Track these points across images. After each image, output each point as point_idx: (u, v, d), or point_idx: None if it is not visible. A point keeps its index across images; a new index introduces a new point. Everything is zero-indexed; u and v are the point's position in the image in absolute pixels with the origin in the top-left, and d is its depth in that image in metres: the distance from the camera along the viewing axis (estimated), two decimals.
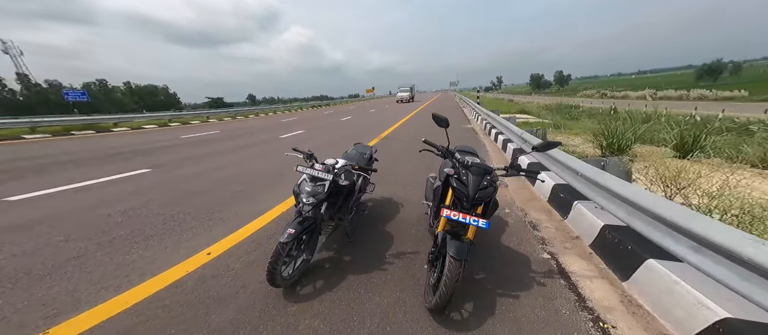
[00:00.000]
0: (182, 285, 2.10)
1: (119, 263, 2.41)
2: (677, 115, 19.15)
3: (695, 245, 1.47)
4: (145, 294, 2.00)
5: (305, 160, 2.26)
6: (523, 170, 1.89)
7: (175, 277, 2.18)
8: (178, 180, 4.84)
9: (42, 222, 3.24)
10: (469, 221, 1.70)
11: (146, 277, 2.19)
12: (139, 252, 2.58)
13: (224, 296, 1.97)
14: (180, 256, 2.47)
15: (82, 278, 2.22)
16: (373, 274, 2.19)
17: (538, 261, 2.33)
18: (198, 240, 2.74)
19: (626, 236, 2.06)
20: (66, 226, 3.14)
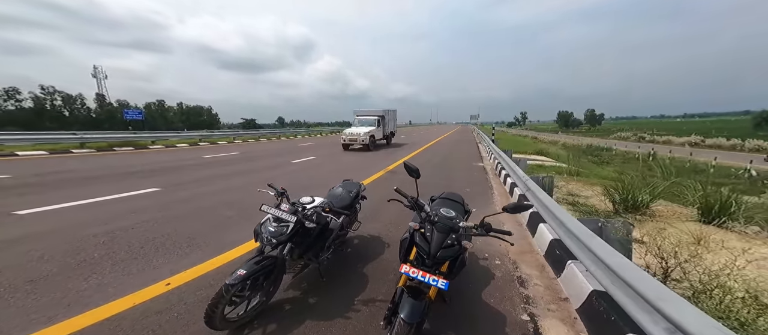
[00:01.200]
0: (121, 319, 2.03)
1: (70, 289, 2.40)
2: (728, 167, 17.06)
3: (671, 328, 1.23)
4: (86, 324, 1.97)
5: (276, 197, 2.26)
6: (493, 231, 1.72)
7: (117, 310, 2.13)
8: (178, 202, 5.01)
9: (26, 240, 3.32)
10: (427, 280, 1.59)
11: (88, 308, 2.14)
12: (98, 277, 2.58)
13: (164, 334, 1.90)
14: (137, 285, 2.45)
15: (24, 305, 2.19)
16: (334, 321, 2.07)
17: (515, 322, 2.08)
18: (164, 268, 2.74)
19: (612, 305, 1.79)
20: (46, 245, 3.20)
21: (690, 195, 3.88)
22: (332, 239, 2.51)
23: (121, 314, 2.10)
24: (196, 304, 2.21)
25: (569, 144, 24.45)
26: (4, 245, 3.22)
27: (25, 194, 5.55)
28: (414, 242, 1.81)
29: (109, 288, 2.43)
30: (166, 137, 17.66)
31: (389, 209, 4.77)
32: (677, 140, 38.08)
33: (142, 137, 16.51)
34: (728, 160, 21.00)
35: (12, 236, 3.45)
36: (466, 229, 1.74)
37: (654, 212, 3.85)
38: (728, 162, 19.46)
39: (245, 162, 10.33)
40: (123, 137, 16.10)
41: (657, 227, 3.03)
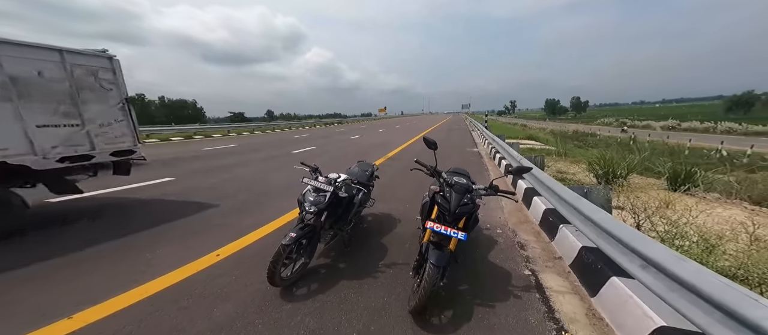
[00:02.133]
0: (193, 281, 2.38)
1: (138, 261, 2.75)
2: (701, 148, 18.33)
3: (643, 263, 1.64)
4: (162, 287, 2.30)
5: (310, 173, 2.58)
6: (500, 191, 2.13)
7: (186, 274, 2.47)
8: (196, 189, 5.32)
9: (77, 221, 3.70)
10: (449, 233, 1.93)
11: (159, 275, 2.47)
12: (160, 250, 2.95)
13: (227, 293, 2.21)
14: (191, 257, 2.77)
15: (104, 273, 2.55)
16: (364, 280, 2.41)
17: (519, 277, 2.49)
18: (210, 243, 3.06)
19: (598, 256, 2.21)
20: (101, 225, 3.61)
21: (661, 168, 4.45)
22: (354, 213, 2.87)
23: (188, 278, 2.44)
24: (247, 270, 2.55)
25: (556, 130, 25.58)
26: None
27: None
28: (435, 202, 2.16)
29: (172, 258, 2.77)
30: (160, 131, 17.38)
31: (398, 191, 5.13)
32: (656, 124, 40.04)
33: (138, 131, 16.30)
34: (702, 142, 22.45)
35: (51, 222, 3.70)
36: (477, 190, 2.11)
37: (630, 184, 4.45)
38: (702, 144, 20.83)
39: (247, 153, 10.44)
40: None
41: (633, 194, 3.54)
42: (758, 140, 23.72)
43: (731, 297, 1.16)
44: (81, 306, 2.08)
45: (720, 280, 1.25)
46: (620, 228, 1.87)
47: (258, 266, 2.57)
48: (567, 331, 1.83)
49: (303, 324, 1.91)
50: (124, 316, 1.99)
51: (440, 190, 2.18)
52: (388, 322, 1.92)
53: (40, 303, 2.15)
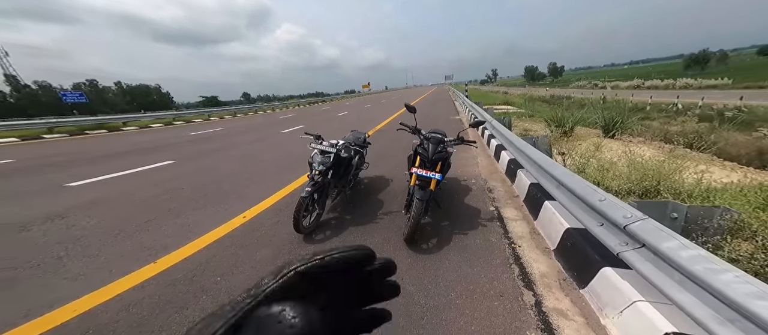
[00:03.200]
0: (231, 237, 2.92)
1: (178, 224, 3.27)
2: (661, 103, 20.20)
3: (558, 184, 2.39)
4: (211, 241, 2.86)
5: (315, 140, 3.15)
6: (465, 141, 2.83)
7: (223, 232, 3.01)
8: (200, 170, 5.71)
9: (102, 202, 4.10)
10: (429, 175, 2.57)
11: (201, 234, 2.99)
12: (189, 217, 3.43)
13: (263, 241, 2.81)
14: (221, 220, 3.30)
15: (162, 232, 3.09)
16: (368, 226, 3.06)
17: (486, 212, 3.25)
18: (233, 208, 3.60)
19: (539, 190, 2.98)
20: (125, 203, 4.01)
21: (598, 121, 5.44)
22: (352, 173, 3.48)
23: (229, 234, 2.99)
24: (271, 226, 3.13)
25: (534, 96, 26.91)
26: (88, 205, 3.97)
27: (54, 172, 5.97)
28: (417, 153, 2.80)
29: (204, 223, 3.27)
30: (138, 118, 16.75)
31: (388, 158, 5.75)
32: (623, 84, 42.43)
33: (114, 119, 15.74)
34: (662, 98, 24.52)
35: (85, 200, 4.16)
36: (448, 141, 2.81)
37: (576, 134, 5.40)
38: (662, 99, 22.79)
39: (236, 136, 10.54)
40: (92, 120, 15.34)
41: (575, 143, 4.39)
42: (709, 93, 26.18)
43: (586, 191, 1.92)
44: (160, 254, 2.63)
45: (583, 183, 2.01)
46: (547, 162, 2.59)
47: (278, 223, 3.15)
48: (516, 244, 2.60)
49: None
50: (191, 261, 2.54)
51: (420, 143, 2.82)
52: (389, 250, 2.59)
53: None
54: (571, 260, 2.15)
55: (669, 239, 1.36)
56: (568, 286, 2.01)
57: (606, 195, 1.78)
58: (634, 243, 1.58)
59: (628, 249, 1.59)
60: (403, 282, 2.13)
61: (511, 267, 2.28)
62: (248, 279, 2.23)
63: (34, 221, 3.54)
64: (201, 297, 2.07)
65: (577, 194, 2.01)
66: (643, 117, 7.37)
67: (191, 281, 2.26)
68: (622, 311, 1.56)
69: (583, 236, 2.11)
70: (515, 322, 1.73)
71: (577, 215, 2.08)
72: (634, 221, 1.53)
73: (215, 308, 0.21)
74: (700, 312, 1.16)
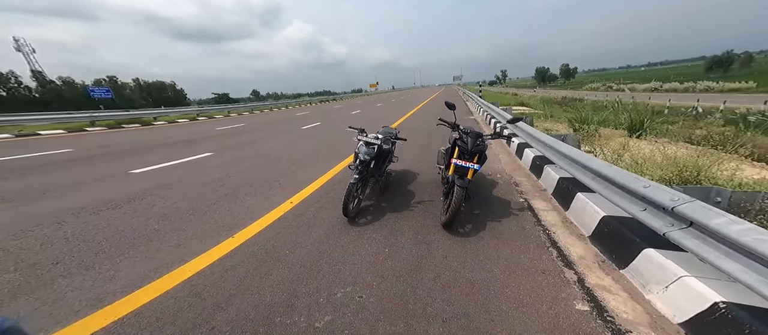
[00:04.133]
0: (284, 219, 3.15)
1: (240, 206, 3.53)
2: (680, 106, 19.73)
3: (593, 175, 2.51)
4: (269, 222, 3.10)
5: (359, 132, 3.40)
6: (502, 135, 2.98)
7: (278, 215, 3.25)
8: (240, 159, 6.06)
9: (169, 186, 4.42)
10: (468, 166, 2.75)
11: (262, 215, 3.26)
12: (246, 201, 3.70)
13: (314, 223, 3.02)
14: (272, 205, 3.53)
15: (227, 213, 3.36)
16: (403, 212, 3.23)
17: (516, 203, 3.38)
18: (279, 195, 3.84)
19: (570, 183, 3.10)
20: (188, 187, 4.36)
21: (623, 121, 5.49)
22: (385, 165, 3.67)
23: (282, 216, 3.24)
24: (318, 210, 3.35)
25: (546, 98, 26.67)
26: (160, 188, 4.36)
27: (114, 160, 6.46)
28: (457, 145, 2.97)
29: (261, 205, 3.54)
30: (166, 113, 17.76)
31: (409, 154, 5.93)
32: (640, 87, 41.41)
33: (146, 113, 16.79)
34: (682, 101, 23.90)
35: (154, 185, 4.54)
36: (485, 136, 2.97)
37: (601, 134, 5.48)
38: (681, 103, 22.23)
39: (262, 130, 10.98)
40: (126, 114, 16.49)
41: (601, 142, 4.46)
42: (732, 96, 25.37)
43: (628, 179, 2.04)
44: (234, 231, 2.89)
45: (624, 172, 2.13)
46: (582, 156, 2.71)
47: (322, 209, 3.36)
48: (550, 231, 2.73)
49: (372, 238, 2.69)
50: (261, 237, 2.78)
51: (459, 137, 2.98)
52: (428, 233, 2.74)
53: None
54: (608, 244, 2.27)
55: (718, 217, 1.48)
56: (607, 267, 2.14)
57: (650, 182, 1.90)
58: (680, 224, 1.70)
59: (675, 229, 1.71)
60: (448, 259, 2.29)
61: (548, 249, 2.41)
62: (312, 254, 2.47)
63: (120, 201, 3.88)
64: (278, 266, 2.31)
65: (617, 183, 2.13)
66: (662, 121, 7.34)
67: (267, 252, 2.52)
68: (667, 286, 1.68)
69: (622, 222, 2.23)
70: (561, 294, 1.87)
71: (617, 203, 2.20)
72: (682, 203, 1.65)
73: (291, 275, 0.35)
74: (750, 278, 1.28)
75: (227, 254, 2.51)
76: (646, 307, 1.71)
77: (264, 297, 1.97)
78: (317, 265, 2.31)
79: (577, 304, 1.78)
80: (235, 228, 2.98)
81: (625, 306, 1.74)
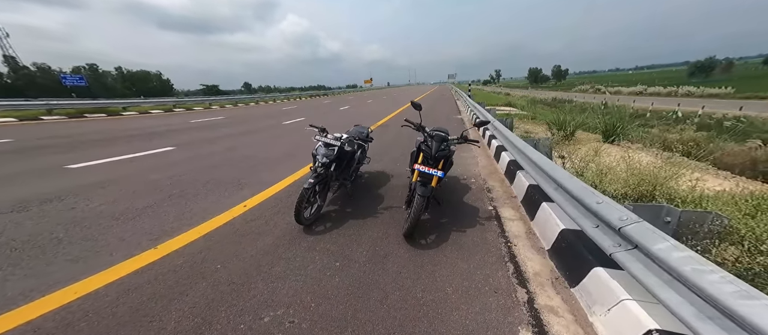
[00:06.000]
0: (231, 225, 2.94)
1: (182, 210, 3.29)
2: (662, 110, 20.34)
3: (556, 186, 2.44)
4: (211, 228, 2.88)
5: (319, 132, 3.18)
6: (469, 140, 2.86)
7: (224, 221, 3.00)
8: (202, 157, 5.75)
9: (105, 184, 4.12)
10: (431, 172, 2.60)
11: (205, 220, 3.03)
12: (191, 205, 3.44)
13: (264, 231, 2.82)
14: (222, 208, 3.30)
15: (163, 218, 3.12)
16: (367, 219, 3.10)
17: (484, 211, 3.30)
18: (234, 197, 3.63)
19: (538, 191, 3.04)
20: (128, 186, 4.05)
21: (598, 126, 5.52)
22: (354, 167, 3.52)
23: (230, 221, 3.02)
24: (273, 215, 3.16)
25: (536, 99, 26.99)
26: (92, 187, 4.01)
27: (54, 154, 5.99)
28: (421, 150, 2.84)
29: (208, 209, 3.31)
30: (138, 103, 16.76)
31: (389, 153, 5.80)
32: (626, 90, 42.49)
33: (114, 103, 15.75)
34: (664, 105, 24.64)
35: (88, 182, 4.18)
36: (451, 140, 2.84)
37: (577, 138, 5.48)
38: (663, 106, 22.91)
39: (237, 125, 10.58)
40: (91, 103, 15.28)
41: (575, 147, 4.44)
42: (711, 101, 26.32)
43: (584, 193, 1.97)
44: (161, 240, 2.65)
45: (582, 185, 2.05)
46: (548, 165, 2.64)
47: (278, 213, 3.18)
48: (512, 243, 2.66)
49: (325, 249, 2.53)
50: (191, 248, 2.56)
51: (424, 140, 2.86)
52: (388, 244, 2.62)
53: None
54: (564, 260, 2.21)
55: (661, 241, 1.42)
56: (559, 285, 2.08)
57: (603, 198, 1.83)
58: (627, 245, 1.64)
59: (621, 250, 1.65)
60: (401, 276, 2.19)
61: (506, 264, 2.34)
62: (248, 268, 2.26)
63: (34, 201, 3.55)
64: (200, 284, 2.08)
65: (575, 196, 2.07)
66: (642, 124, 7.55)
67: (192, 267, 2.27)
68: (609, 309, 1.62)
69: (578, 237, 2.17)
70: (508, 318, 1.80)
71: (573, 217, 2.14)
72: (629, 224, 1.58)
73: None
74: (685, 311, 1.22)
75: (138, 270, 2.22)
76: (587, 331, 1.65)
77: (165, 325, 1.70)
78: (250, 282, 2.09)
79: (520, 331, 1.70)
80: (163, 237, 2.71)
81: (568, 330, 1.68)
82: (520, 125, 7.79)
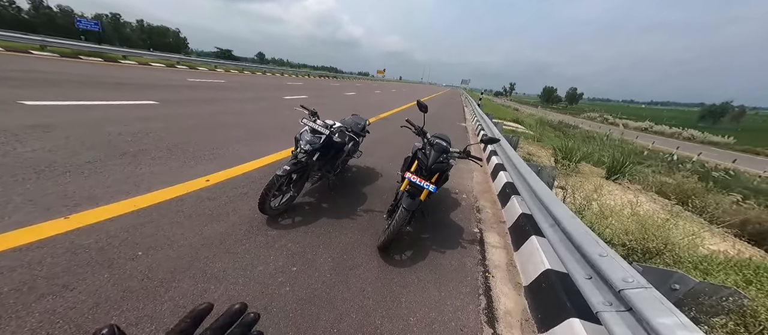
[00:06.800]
0: (180, 201, 2.54)
1: (129, 173, 2.86)
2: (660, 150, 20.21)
3: (552, 222, 2.20)
4: (153, 202, 2.45)
5: (309, 115, 2.83)
6: (471, 156, 2.53)
7: (176, 194, 2.63)
8: (182, 117, 5.33)
9: (56, 127, 3.66)
10: (422, 185, 2.29)
11: (151, 190, 2.61)
12: (145, 167, 3.03)
13: (219, 214, 2.44)
14: (181, 178, 2.93)
15: (99, 180, 2.66)
16: (343, 220, 2.83)
17: (469, 233, 3.06)
18: (198, 168, 3.27)
19: (529, 222, 2.80)
20: (78, 134, 3.57)
21: (606, 160, 5.29)
22: (342, 160, 3.22)
23: (180, 196, 2.67)
24: (236, 197, 2.84)
25: (543, 119, 26.70)
26: (34, 128, 3.50)
27: (15, 87, 5.51)
28: (416, 157, 2.56)
29: (161, 177, 2.94)
30: (139, 54, 16.11)
31: (385, 149, 5.51)
32: (633, 124, 42.24)
33: (113, 50, 15.16)
34: (664, 145, 24.52)
35: (34, 122, 3.71)
36: (452, 152, 2.53)
37: (580, 170, 5.24)
38: (662, 147, 22.77)
39: (234, 91, 10.17)
40: (89, 46, 14.64)
41: (577, 178, 4.20)
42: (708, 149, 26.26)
43: (586, 239, 1.73)
44: (81, 208, 2.32)
45: (585, 229, 1.81)
46: (549, 198, 2.40)
47: (244, 196, 2.85)
48: (490, 274, 2.43)
49: (285, 247, 2.19)
50: (115, 223, 2.13)
51: (422, 147, 2.57)
52: (359, 254, 2.35)
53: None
54: (540, 301, 2.01)
55: (667, 315, 1.19)
56: (528, 328, 1.88)
57: (608, 250, 1.59)
58: (619, 305, 1.41)
59: (610, 310, 1.42)
60: (364, 295, 1.95)
61: (479, 297, 2.12)
62: (179, 260, 1.86)
63: None
64: (100, 275, 1.64)
65: (574, 240, 1.82)
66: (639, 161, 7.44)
67: (100, 251, 1.83)
68: None
69: (562, 280, 1.95)
70: None
71: (564, 260, 1.91)
72: (633, 288, 1.35)
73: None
74: None
75: (25, 245, 1.74)
76: None
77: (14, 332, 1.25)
78: (173, 280, 1.70)
79: None
80: (84, 204, 2.24)
81: None
82: (524, 145, 7.51)
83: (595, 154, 5.86)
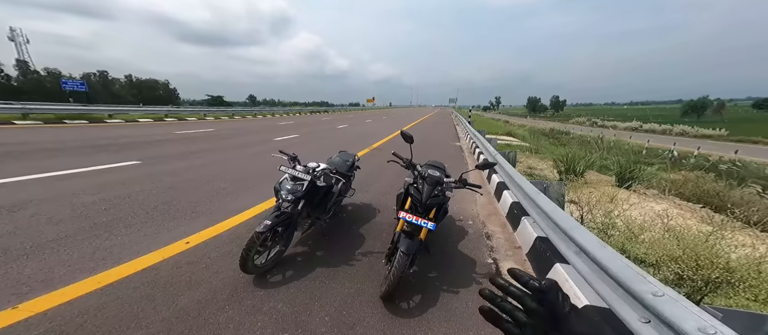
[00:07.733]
0: (156, 269, 2.30)
1: (97, 247, 2.58)
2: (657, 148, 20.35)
3: (577, 250, 1.90)
4: (123, 275, 2.20)
5: (288, 161, 2.60)
6: (468, 184, 2.30)
7: (150, 262, 2.38)
8: (165, 174, 5.05)
9: (27, 205, 3.38)
10: (420, 223, 2.05)
11: (122, 262, 2.37)
12: (117, 238, 2.77)
13: (198, 280, 2.18)
14: (158, 244, 2.67)
15: (63, 259, 2.39)
16: (340, 268, 2.50)
17: (482, 265, 2.72)
18: (178, 230, 2.97)
19: (548, 245, 2.48)
20: (48, 210, 3.30)
21: (612, 167, 5.04)
22: (332, 202, 2.94)
23: (155, 265, 2.37)
24: (219, 258, 2.54)
25: (535, 128, 27.12)
26: (4, 211, 3.23)
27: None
28: (409, 194, 2.30)
29: (133, 246, 2.64)
30: (126, 111, 16.13)
31: (379, 181, 5.26)
32: (622, 125, 43.18)
33: (98, 109, 15.12)
34: (659, 143, 24.78)
35: (6, 203, 3.43)
36: (448, 183, 2.28)
37: (587, 180, 4.95)
38: (658, 145, 22.98)
39: (223, 139, 10.02)
40: (74, 109, 14.66)
41: (586, 189, 3.93)
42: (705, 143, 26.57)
43: (629, 275, 1.42)
44: (34, 294, 2.01)
45: (624, 262, 1.51)
46: (565, 220, 2.12)
47: (228, 255, 2.56)
48: None
49: (275, 309, 1.95)
50: (75, 306, 1.90)
51: (414, 182, 2.32)
52: (360, 307, 2.03)
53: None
54: None
55: None
56: None
57: (663, 289, 1.28)
58: None
59: None
60: None
61: None
62: None
63: None
64: None
65: (611, 273, 1.52)
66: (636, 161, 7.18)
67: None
68: None
69: (604, 316, 1.61)
70: None
71: (602, 295, 1.58)
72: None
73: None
74: None
75: None
76: None
77: None
78: None
79: None
80: (39, 290, 2.01)
81: None
82: (523, 158, 7.33)
83: (598, 160, 5.62)
